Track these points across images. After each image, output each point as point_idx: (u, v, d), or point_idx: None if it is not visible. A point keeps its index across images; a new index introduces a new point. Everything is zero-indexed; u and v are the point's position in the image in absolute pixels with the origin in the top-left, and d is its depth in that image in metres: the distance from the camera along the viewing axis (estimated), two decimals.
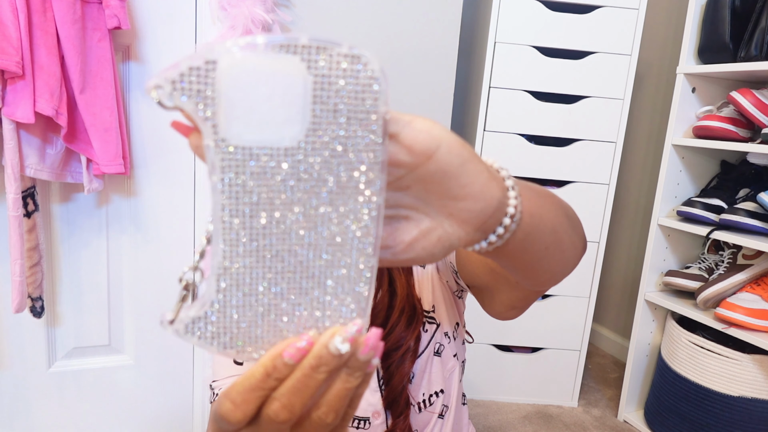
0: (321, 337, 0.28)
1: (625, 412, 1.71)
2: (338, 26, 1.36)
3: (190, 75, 0.24)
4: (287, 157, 0.26)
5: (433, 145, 0.29)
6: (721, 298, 1.42)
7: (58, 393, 1.28)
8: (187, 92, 0.24)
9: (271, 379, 0.28)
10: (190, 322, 0.28)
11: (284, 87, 0.25)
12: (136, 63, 1.20)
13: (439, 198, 0.30)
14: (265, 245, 0.27)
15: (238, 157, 0.25)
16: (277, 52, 0.24)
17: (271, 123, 0.25)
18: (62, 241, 1.22)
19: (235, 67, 0.24)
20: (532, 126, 1.62)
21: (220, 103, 0.25)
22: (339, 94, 0.25)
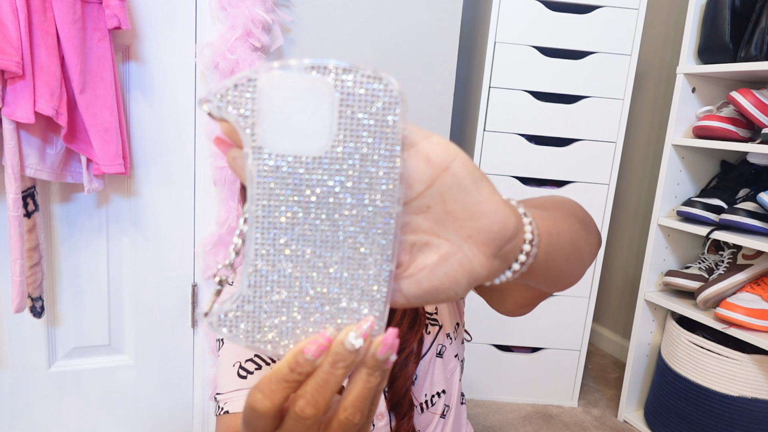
0: (338, 335, 0.30)
1: (625, 412, 1.71)
2: (338, 26, 1.36)
3: (234, 90, 0.28)
4: (315, 166, 0.29)
5: (450, 157, 0.30)
6: (721, 298, 1.42)
7: (58, 393, 1.28)
8: (232, 105, 0.28)
9: (295, 373, 0.30)
10: (222, 314, 0.31)
11: (315, 102, 0.28)
12: (136, 63, 1.20)
13: (456, 219, 0.31)
14: (293, 248, 0.30)
15: (272, 164, 0.29)
16: (309, 72, 0.28)
17: (303, 134, 0.28)
18: (62, 241, 1.22)
19: (272, 84, 0.28)
20: (532, 126, 1.62)
21: (260, 115, 0.28)
22: (362, 110, 0.29)
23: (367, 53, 1.41)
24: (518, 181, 1.65)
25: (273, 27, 1.25)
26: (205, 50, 1.21)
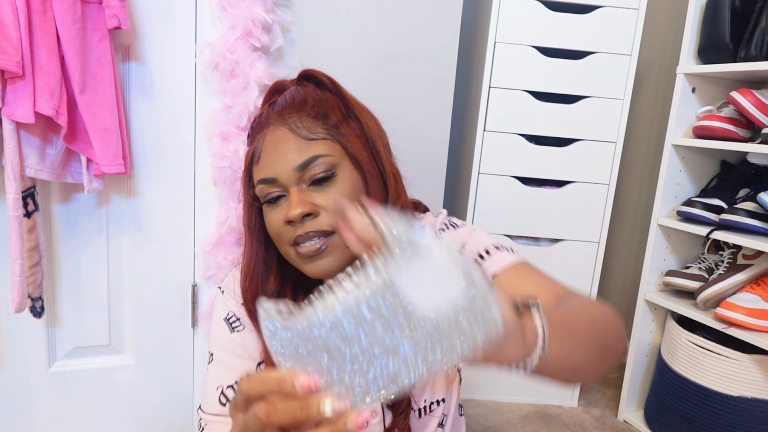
0: (323, 394, 0.35)
1: (625, 412, 1.71)
2: (338, 26, 1.36)
3: None
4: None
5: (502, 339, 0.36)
6: (721, 298, 1.42)
7: (58, 393, 1.28)
8: None
9: (278, 387, 0.36)
10: (274, 320, 0.36)
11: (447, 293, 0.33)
12: (136, 63, 1.20)
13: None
14: (347, 338, 0.35)
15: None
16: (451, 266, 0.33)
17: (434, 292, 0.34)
18: (62, 241, 1.22)
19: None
20: (532, 126, 1.62)
21: None
22: (472, 313, 0.34)
23: (367, 53, 1.41)
24: (518, 181, 1.65)
25: (273, 27, 1.25)
26: (205, 50, 1.21)
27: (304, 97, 0.65)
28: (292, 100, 0.64)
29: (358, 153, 0.64)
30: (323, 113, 0.64)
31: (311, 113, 0.63)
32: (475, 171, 1.63)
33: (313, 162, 0.61)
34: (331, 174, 0.62)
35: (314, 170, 0.61)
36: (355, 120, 0.66)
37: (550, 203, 1.66)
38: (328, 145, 0.63)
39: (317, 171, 0.61)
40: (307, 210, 0.60)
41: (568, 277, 1.69)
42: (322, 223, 0.61)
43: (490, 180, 1.64)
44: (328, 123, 0.64)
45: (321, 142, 0.62)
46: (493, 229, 1.66)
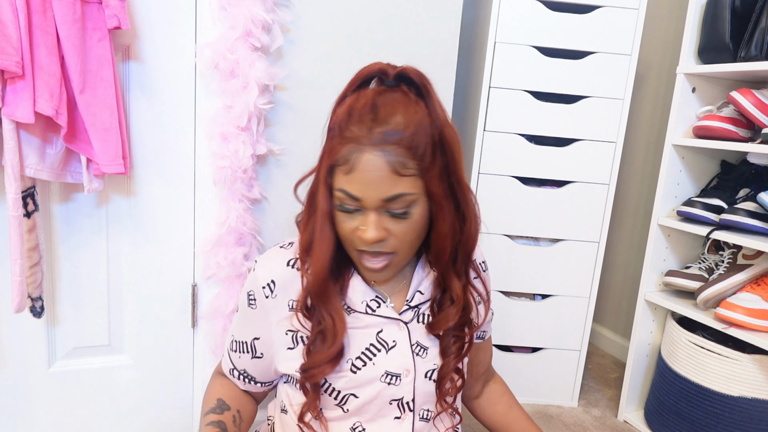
0: None
1: (625, 412, 1.71)
2: (338, 26, 1.36)
3: None
4: None
5: None
6: (721, 298, 1.42)
7: (58, 393, 1.28)
8: None
9: None
10: None
11: None
12: (136, 63, 1.20)
13: None
14: None
15: None
16: None
17: None
18: (62, 241, 1.22)
19: None
20: (532, 126, 1.62)
21: None
22: None
23: (367, 53, 1.41)
24: (518, 181, 1.65)
25: (273, 27, 1.25)
26: (205, 50, 1.21)
27: (407, 123, 0.65)
28: (395, 124, 0.65)
29: (437, 189, 0.68)
30: (418, 145, 0.65)
31: (409, 144, 0.65)
32: (475, 171, 1.63)
33: (398, 198, 0.66)
34: (408, 209, 0.67)
35: (396, 205, 0.66)
36: (441, 154, 0.68)
37: (550, 203, 1.66)
38: (415, 182, 0.66)
39: (398, 206, 0.66)
40: (382, 237, 0.67)
41: (568, 277, 1.69)
42: (388, 247, 0.69)
43: (490, 180, 1.64)
44: (419, 156, 0.66)
45: (410, 179, 0.66)
46: (493, 229, 1.67)
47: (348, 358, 0.74)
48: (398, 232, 0.68)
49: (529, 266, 1.69)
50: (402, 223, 0.68)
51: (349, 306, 0.76)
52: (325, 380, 0.74)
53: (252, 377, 0.83)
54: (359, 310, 0.75)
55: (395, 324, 0.76)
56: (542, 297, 1.74)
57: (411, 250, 0.71)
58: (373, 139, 0.64)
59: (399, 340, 0.76)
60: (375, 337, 0.75)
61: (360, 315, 0.75)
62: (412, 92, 0.69)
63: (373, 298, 0.76)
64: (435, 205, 0.69)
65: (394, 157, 0.64)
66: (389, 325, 0.76)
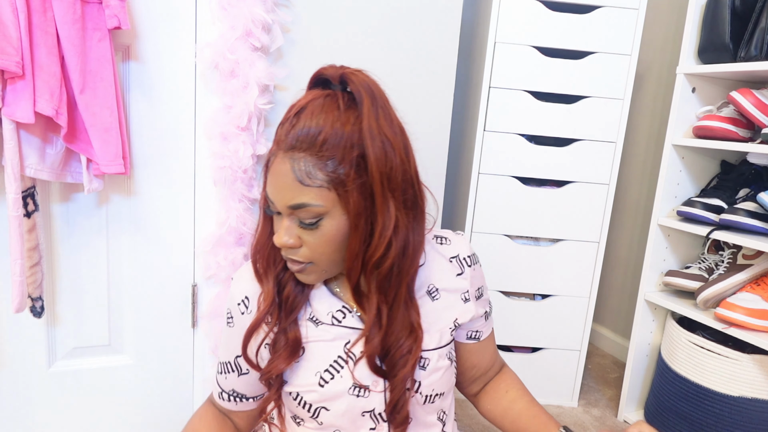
0: None
1: (625, 412, 1.71)
2: (338, 26, 1.36)
3: None
4: None
5: None
6: (721, 298, 1.42)
7: (58, 393, 1.28)
8: None
9: None
10: None
11: None
12: (136, 63, 1.20)
13: None
14: None
15: None
16: None
17: None
18: (62, 241, 1.22)
19: None
20: (532, 126, 1.62)
21: None
22: None
23: (367, 53, 1.41)
24: (518, 181, 1.65)
25: (273, 27, 1.25)
26: (205, 50, 1.21)
27: (320, 130, 0.61)
28: (306, 133, 0.61)
29: (352, 205, 0.63)
30: (331, 156, 0.61)
31: (320, 154, 0.61)
32: (475, 171, 1.63)
33: (302, 208, 0.63)
34: (317, 221, 0.64)
35: (301, 215, 0.64)
36: (363, 170, 0.63)
37: (550, 203, 1.66)
38: (322, 193, 0.62)
39: (303, 216, 0.64)
40: (290, 244, 0.65)
41: (568, 277, 1.69)
42: (301, 256, 0.67)
43: (490, 180, 1.64)
44: (331, 168, 0.62)
45: (315, 189, 0.62)
46: (493, 229, 1.67)
47: (317, 371, 0.72)
48: (310, 242, 0.65)
49: (529, 266, 1.69)
50: (312, 234, 0.65)
51: (316, 317, 0.74)
52: (298, 393, 0.73)
53: (242, 395, 0.81)
54: (326, 321, 0.74)
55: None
56: (542, 297, 1.74)
57: (332, 263, 0.68)
58: (286, 143, 0.62)
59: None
60: (342, 348, 0.73)
61: (327, 326, 0.73)
62: (344, 99, 0.64)
63: (339, 309, 0.74)
64: (349, 222, 0.65)
65: (301, 165, 0.62)
66: (356, 336, 0.73)
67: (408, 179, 0.67)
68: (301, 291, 0.74)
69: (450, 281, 0.79)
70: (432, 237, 0.81)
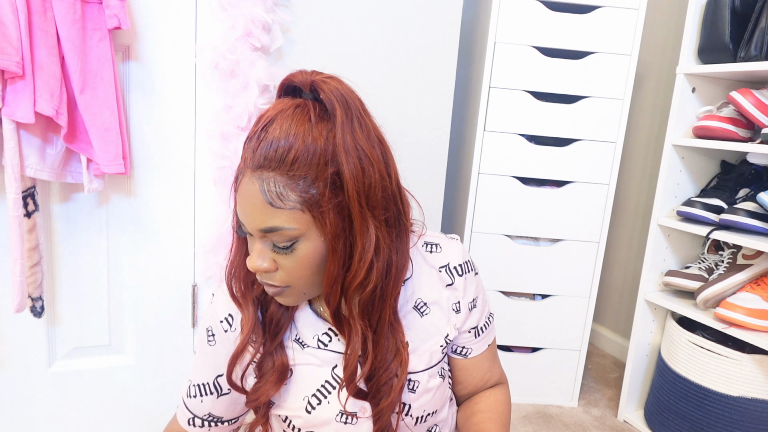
0: None
1: (625, 412, 1.71)
2: (338, 26, 1.36)
3: None
4: None
5: None
6: (721, 298, 1.42)
7: (58, 393, 1.28)
8: None
9: None
10: None
11: None
12: (136, 63, 1.20)
13: None
14: None
15: None
16: None
17: None
18: (62, 241, 1.22)
19: None
20: (532, 126, 1.62)
21: None
22: None
23: (367, 53, 1.41)
24: (518, 181, 1.65)
25: (273, 27, 1.25)
26: (205, 50, 1.21)
27: (290, 147, 0.56)
28: (275, 150, 0.56)
29: (329, 226, 0.59)
30: (303, 175, 0.57)
31: (290, 173, 0.57)
32: (475, 171, 1.63)
33: (274, 232, 0.59)
34: (291, 244, 0.60)
35: (276, 238, 0.59)
36: (338, 189, 0.58)
37: (550, 203, 1.66)
38: (295, 216, 0.58)
39: (277, 240, 0.59)
40: (264, 268, 0.61)
41: (568, 277, 1.69)
42: (277, 280, 0.62)
43: (490, 180, 1.64)
44: (303, 188, 0.57)
45: (287, 212, 0.57)
46: (493, 229, 1.67)
47: (304, 395, 0.70)
48: (286, 266, 0.61)
49: (529, 266, 1.69)
50: (288, 258, 0.60)
51: (302, 340, 0.71)
52: (287, 416, 0.71)
53: (218, 418, 0.77)
54: (312, 345, 0.70)
55: None
56: (542, 297, 1.74)
57: (311, 286, 0.64)
58: (254, 161, 0.57)
59: None
60: (330, 373, 0.70)
61: (314, 350, 0.70)
62: (315, 110, 0.58)
63: (325, 332, 0.71)
64: (326, 244, 0.60)
65: (271, 186, 0.57)
66: (342, 360, 0.69)
67: (389, 195, 0.62)
68: (285, 312, 0.70)
69: (440, 294, 0.73)
70: (421, 244, 0.74)
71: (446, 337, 0.73)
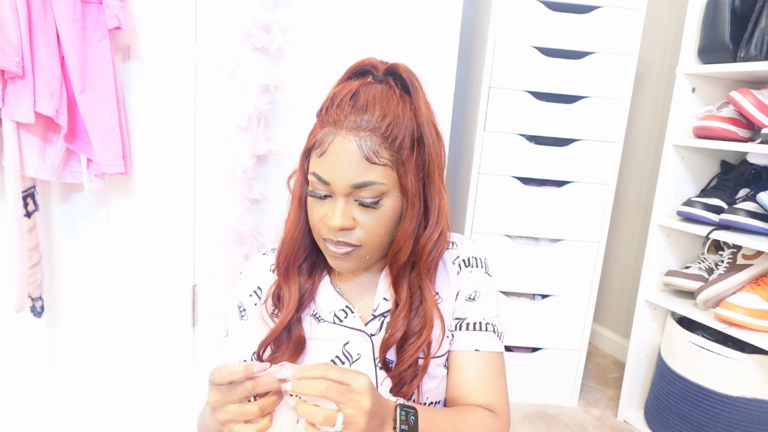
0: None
1: (625, 412, 1.71)
2: (338, 26, 1.36)
3: None
4: None
5: None
6: (721, 298, 1.42)
7: (58, 393, 1.28)
8: None
9: (244, 374, 0.53)
10: None
11: None
12: (136, 63, 1.20)
13: None
14: None
15: None
16: None
17: None
18: (62, 241, 1.22)
19: None
20: (532, 126, 1.62)
21: None
22: None
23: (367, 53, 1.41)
24: (518, 181, 1.65)
25: (273, 27, 1.25)
26: (205, 50, 1.21)
27: (384, 112, 0.65)
28: (371, 114, 0.64)
29: (410, 185, 0.67)
30: (395, 136, 0.65)
31: (385, 133, 0.64)
32: (475, 171, 1.63)
33: (368, 186, 0.64)
34: (378, 200, 0.66)
35: (366, 193, 0.65)
36: (421, 149, 0.68)
37: (550, 203, 1.66)
38: (387, 172, 0.65)
39: (367, 195, 0.65)
40: (347, 225, 0.65)
41: (568, 277, 1.69)
42: (354, 238, 0.67)
43: (490, 180, 1.64)
44: (395, 148, 0.65)
45: (381, 168, 0.64)
46: (493, 229, 1.66)
47: None
48: (366, 223, 0.66)
49: (529, 266, 1.69)
50: (371, 213, 0.66)
51: (319, 314, 0.74)
52: None
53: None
54: (328, 320, 0.74)
55: (362, 335, 0.73)
56: (542, 297, 1.74)
57: (379, 247, 0.68)
58: (349, 123, 0.64)
59: (363, 353, 0.73)
60: (341, 349, 0.73)
61: (328, 325, 0.73)
62: (398, 87, 0.69)
63: (342, 308, 0.74)
64: (406, 202, 0.67)
65: (368, 143, 0.64)
66: (356, 337, 0.73)
67: (443, 163, 0.72)
68: (310, 287, 0.75)
69: (450, 283, 0.77)
70: None
71: (449, 328, 0.76)
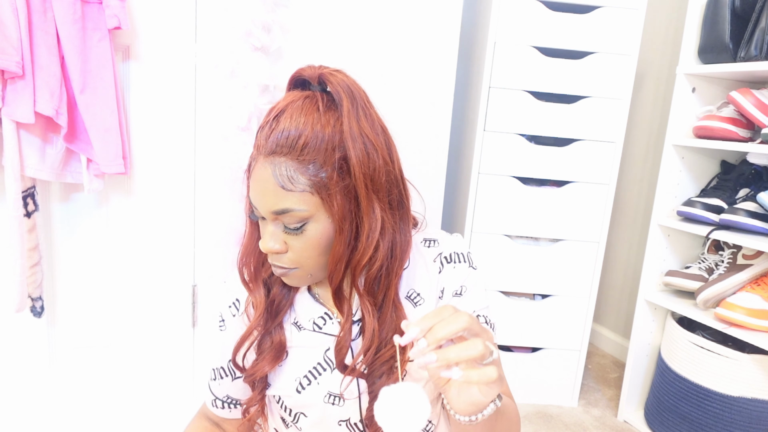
0: None
1: (625, 412, 1.71)
2: (338, 26, 1.36)
3: None
4: None
5: None
6: (721, 298, 1.42)
7: (58, 393, 1.28)
8: None
9: None
10: None
11: None
12: (136, 63, 1.20)
13: None
14: None
15: None
16: None
17: None
18: (62, 241, 1.22)
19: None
20: (532, 126, 1.62)
21: None
22: None
23: (368, 53, 1.41)
24: (518, 181, 1.65)
25: (273, 27, 1.25)
26: (205, 50, 1.21)
27: (300, 133, 0.61)
28: (286, 137, 0.61)
29: (336, 207, 0.63)
30: (312, 159, 0.61)
31: (300, 157, 0.61)
32: (475, 171, 1.63)
33: (286, 213, 0.62)
34: (302, 225, 0.63)
35: (287, 219, 0.63)
36: (346, 173, 0.63)
37: (550, 203, 1.66)
38: (305, 197, 0.62)
39: (288, 221, 0.63)
40: (275, 249, 0.65)
41: (568, 277, 1.69)
42: (286, 261, 0.66)
43: (490, 180, 1.64)
44: (312, 172, 0.61)
45: (297, 194, 0.61)
46: (493, 228, 1.66)
47: (296, 377, 0.72)
48: (296, 247, 0.65)
49: (529, 266, 1.69)
50: (298, 238, 0.64)
51: (299, 323, 0.74)
52: (279, 396, 0.73)
53: (236, 400, 0.81)
54: (307, 327, 0.73)
55: None
56: (542, 297, 1.74)
57: (317, 267, 0.67)
58: (266, 149, 0.62)
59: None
60: (323, 355, 0.72)
61: (308, 333, 0.73)
62: (323, 100, 0.63)
63: (320, 315, 0.73)
64: (334, 224, 0.64)
65: (282, 170, 0.61)
66: (335, 343, 0.72)
67: (392, 179, 0.66)
68: (287, 294, 0.74)
69: (431, 283, 0.75)
70: (420, 240, 0.77)
71: None
